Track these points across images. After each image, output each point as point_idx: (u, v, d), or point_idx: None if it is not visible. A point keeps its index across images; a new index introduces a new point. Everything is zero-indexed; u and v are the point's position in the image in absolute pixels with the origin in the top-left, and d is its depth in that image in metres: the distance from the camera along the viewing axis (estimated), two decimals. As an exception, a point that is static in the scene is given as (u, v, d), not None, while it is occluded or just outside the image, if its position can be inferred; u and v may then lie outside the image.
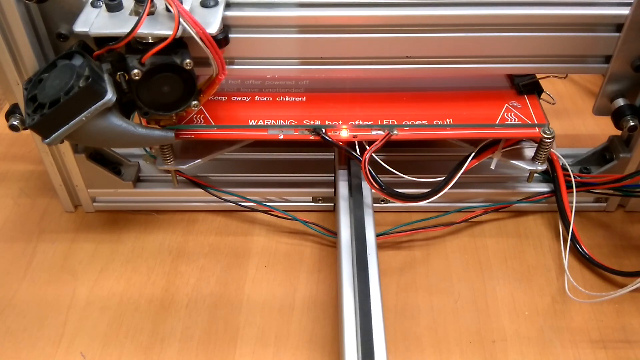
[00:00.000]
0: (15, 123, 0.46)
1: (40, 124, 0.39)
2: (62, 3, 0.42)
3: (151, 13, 0.40)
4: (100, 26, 0.39)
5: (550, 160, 0.49)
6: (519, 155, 0.48)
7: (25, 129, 0.43)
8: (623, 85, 0.46)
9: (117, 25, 0.39)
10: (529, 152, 0.48)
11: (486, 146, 0.46)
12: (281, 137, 0.44)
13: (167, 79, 0.40)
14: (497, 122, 0.45)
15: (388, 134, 0.44)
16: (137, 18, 0.38)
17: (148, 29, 0.38)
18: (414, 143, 0.52)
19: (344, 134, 0.45)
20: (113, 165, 0.51)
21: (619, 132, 0.49)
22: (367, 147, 0.44)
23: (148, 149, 0.54)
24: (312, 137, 0.44)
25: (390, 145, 0.45)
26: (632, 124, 0.46)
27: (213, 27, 0.39)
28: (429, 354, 0.43)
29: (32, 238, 0.51)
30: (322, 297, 0.46)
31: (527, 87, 0.48)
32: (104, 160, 0.51)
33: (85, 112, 0.39)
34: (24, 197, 0.55)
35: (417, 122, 0.45)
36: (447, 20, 0.43)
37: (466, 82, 0.50)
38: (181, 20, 0.38)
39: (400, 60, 0.45)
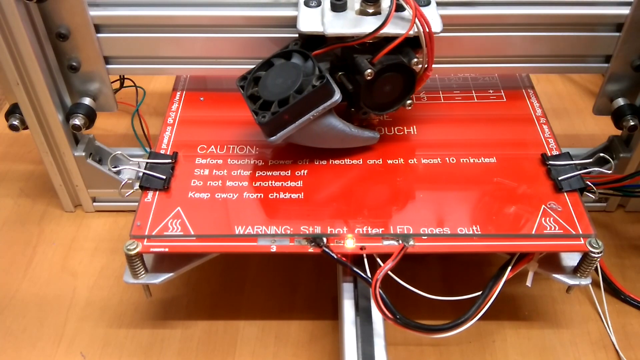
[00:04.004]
0: (15, 123, 0.46)
1: (271, 122, 0.39)
2: (62, 3, 0.42)
3: (377, 13, 0.40)
4: (335, 26, 0.39)
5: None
6: (557, 263, 0.40)
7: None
8: (623, 85, 0.46)
9: (349, 25, 0.39)
10: (567, 257, 0.40)
11: (521, 256, 0.39)
12: (274, 249, 0.38)
13: (392, 78, 0.40)
14: (533, 232, 0.38)
15: (403, 246, 0.37)
16: (363, 18, 0.39)
17: (386, 28, 0.38)
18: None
19: (350, 244, 0.38)
20: (113, 165, 0.51)
21: (619, 132, 0.49)
22: (377, 258, 0.37)
23: (148, 149, 0.54)
24: (310, 249, 0.38)
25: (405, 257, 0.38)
26: (632, 123, 0.46)
27: (438, 26, 0.39)
28: (429, 354, 0.43)
29: (32, 238, 0.51)
30: (322, 297, 0.46)
31: (567, 182, 0.41)
32: (104, 160, 0.51)
33: (313, 112, 0.39)
34: (24, 197, 0.55)
35: (436, 230, 0.39)
36: (445, 20, 0.43)
37: (497, 179, 0.42)
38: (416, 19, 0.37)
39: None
